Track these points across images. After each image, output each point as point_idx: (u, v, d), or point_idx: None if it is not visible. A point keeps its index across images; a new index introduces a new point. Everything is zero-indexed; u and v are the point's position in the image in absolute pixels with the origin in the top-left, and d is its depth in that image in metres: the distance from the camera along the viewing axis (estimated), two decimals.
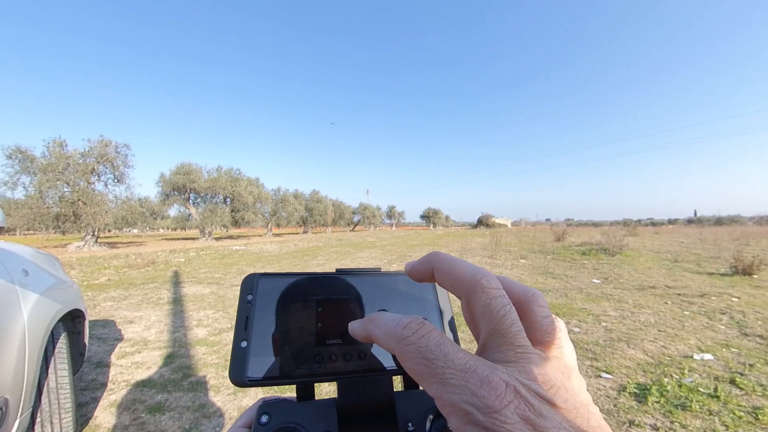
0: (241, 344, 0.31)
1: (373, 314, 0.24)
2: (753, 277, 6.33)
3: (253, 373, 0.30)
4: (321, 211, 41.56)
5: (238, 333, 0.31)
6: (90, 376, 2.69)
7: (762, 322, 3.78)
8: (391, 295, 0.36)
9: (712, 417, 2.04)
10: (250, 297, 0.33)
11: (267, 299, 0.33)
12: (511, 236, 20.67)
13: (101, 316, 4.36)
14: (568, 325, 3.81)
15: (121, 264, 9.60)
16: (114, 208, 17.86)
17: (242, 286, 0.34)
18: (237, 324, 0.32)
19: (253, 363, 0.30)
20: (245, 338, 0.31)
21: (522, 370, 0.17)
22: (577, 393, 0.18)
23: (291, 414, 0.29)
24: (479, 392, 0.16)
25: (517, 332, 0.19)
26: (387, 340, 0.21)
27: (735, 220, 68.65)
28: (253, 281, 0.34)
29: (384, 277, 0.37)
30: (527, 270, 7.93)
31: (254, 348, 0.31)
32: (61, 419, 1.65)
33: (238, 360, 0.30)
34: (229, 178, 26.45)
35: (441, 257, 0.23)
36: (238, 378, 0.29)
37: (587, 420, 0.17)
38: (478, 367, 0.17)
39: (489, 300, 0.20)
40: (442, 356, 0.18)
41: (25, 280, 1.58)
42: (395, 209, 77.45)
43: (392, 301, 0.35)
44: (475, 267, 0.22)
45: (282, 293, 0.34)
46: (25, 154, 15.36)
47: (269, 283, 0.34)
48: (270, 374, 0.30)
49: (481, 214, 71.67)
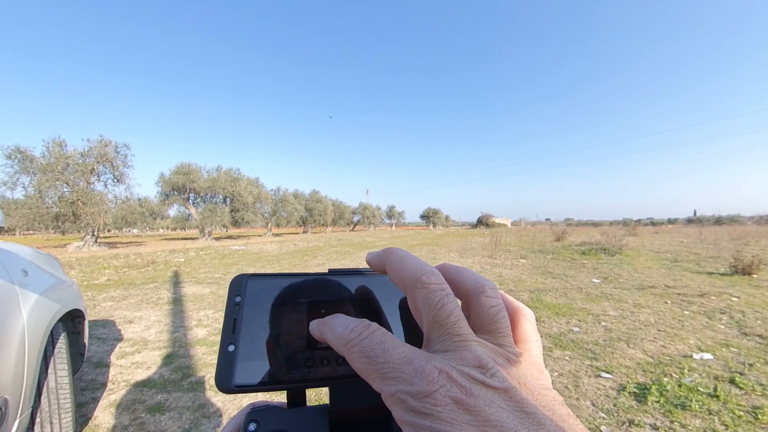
0: (228, 348, 0.29)
1: (327, 317, 0.24)
2: (753, 277, 6.34)
3: (241, 379, 0.28)
4: (321, 211, 41.55)
5: (225, 336, 0.29)
6: (90, 376, 2.69)
7: (762, 322, 3.78)
8: (385, 296, 0.34)
9: (712, 416, 2.04)
10: (239, 299, 0.31)
11: (256, 301, 0.31)
12: (511, 236, 20.67)
13: (101, 316, 4.36)
14: (568, 325, 3.81)
15: (120, 264, 9.60)
16: (114, 208, 17.88)
17: (230, 287, 0.32)
18: (224, 327, 0.30)
19: (240, 368, 0.28)
20: (233, 342, 0.29)
21: (458, 357, 0.18)
22: (524, 375, 0.19)
23: (280, 422, 0.28)
24: (414, 381, 0.17)
25: (455, 322, 0.20)
26: (336, 344, 0.22)
27: (735, 220, 68.72)
28: (242, 282, 0.32)
29: (376, 276, 0.35)
30: (527, 270, 7.93)
31: (242, 352, 0.29)
32: (60, 419, 1.65)
33: (225, 365, 0.28)
34: (228, 177, 26.43)
35: (393, 254, 0.24)
36: (225, 384, 0.27)
37: (536, 398, 0.18)
38: (414, 359, 0.18)
39: (428, 294, 0.21)
40: (383, 353, 0.19)
41: (24, 280, 1.58)
42: (395, 209, 77.47)
43: (387, 303, 0.34)
44: (420, 264, 0.22)
45: (272, 295, 0.32)
46: (24, 154, 15.34)
47: (259, 284, 0.32)
48: (259, 380, 0.28)
49: (481, 214, 71.68)
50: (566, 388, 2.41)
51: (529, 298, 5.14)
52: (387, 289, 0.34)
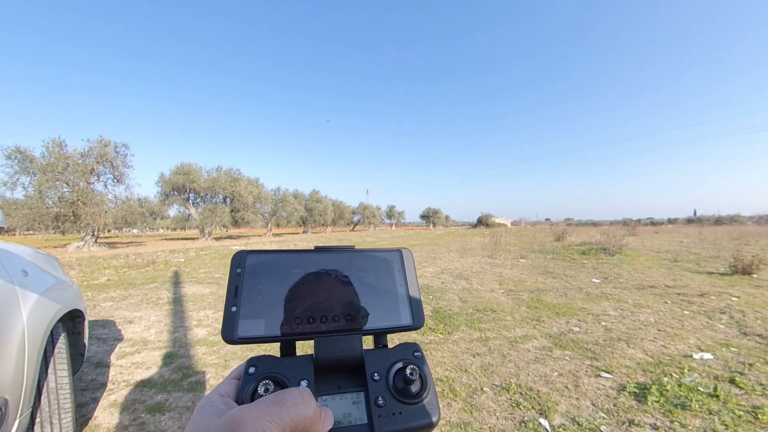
0: (231, 309, 0.37)
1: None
2: (752, 277, 6.34)
3: (242, 333, 0.36)
4: (321, 211, 41.51)
5: (228, 300, 0.37)
6: (90, 376, 2.69)
7: (761, 322, 3.78)
8: (362, 268, 0.43)
9: (712, 416, 2.04)
10: (239, 270, 0.39)
11: (254, 271, 0.39)
12: (511, 236, 20.67)
13: (101, 317, 4.36)
14: (568, 325, 3.81)
15: (120, 264, 9.60)
16: (113, 208, 17.84)
17: (232, 260, 0.40)
18: (228, 293, 0.38)
19: (242, 324, 0.36)
20: (235, 304, 0.37)
21: None
22: None
23: (274, 366, 0.35)
24: None
25: None
26: None
27: (735, 220, 68.63)
28: (242, 257, 0.40)
29: (357, 253, 0.44)
30: (527, 269, 7.92)
31: (243, 312, 0.37)
32: (60, 419, 1.65)
33: (230, 322, 0.36)
34: (228, 178, 26.40)
35: None
36: (230, 336, 0.36)
37: None
38: None
39: None
40: None
41: (24, 281, 1.57)
42: (395, 209, 77.39)
43: (363, 274, 0.42)
44: None
45: (267, 266, 0.40)
46: (24, 154, 15.33)
47: (256, 258, 0.40)
48: (256, 334, 0.36)
49: (481, 214, 71.62)
50: (566, 388, 2.41)
51: (529, 298, 5.14)
52: (362, 264, 0.43)
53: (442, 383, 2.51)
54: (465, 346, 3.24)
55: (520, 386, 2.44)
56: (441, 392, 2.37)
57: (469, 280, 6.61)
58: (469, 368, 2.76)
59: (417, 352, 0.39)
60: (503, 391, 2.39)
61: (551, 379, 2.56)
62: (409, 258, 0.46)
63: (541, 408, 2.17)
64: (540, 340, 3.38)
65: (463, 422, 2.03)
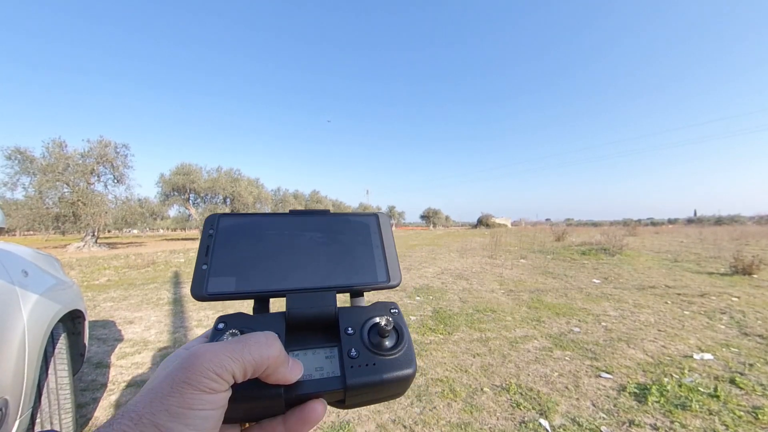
0: (202, 267, 0.36)
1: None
2: (753, 277, 6.33)
3: (212, 289, 0.35)
4: None
5: (199, 259, 0.37)
6: (90, 376, 2.69)
7: (762, 322, 3.78)
8: (338, 230, 0.43)
9: (712, 417, 2.04)
10: (212, 231, 0.39)
11: (227, 233, 0.39)
12: (511, 236, 20.66)
13: (101, 317, 4.36)
14: (568, 325, 3.81)
15: (121, 264, 9.60)
16: (114, 209, 17.86)
17: (205, 223, 0.40)
18: (199, 252, 0.38)
19: (212, 281, 0.36)
20: (206, 262, 0.37)
21: None
22: None
23: (244, 323, 0.33)
24: None
25: None
26: None
27: (735, 220, 68.61)
28: (215, 219, 0.40)
29: (331, 216, 0.44)
30: (527, 270, 7.92)
31: (214, 269, 0.36)
32: (61, 420, 1.65)
33: (199, 278, 0.36)
34: (228, 178, 26.43)
35: None
36: (199, 292, 0.35)
37: None
38: None
39: None
40: None
41: (24, 281, 1.57)
42: (395, 209, 77.39)
43: (338, 236, 0.42)
44: None
45: (241, 228, 0.40)
46: (24, 154, 15.36)
47: (229, 220, 0.40)
48: (226, 290, 0.36)
49: (481, 214, 71.58)
50: (566, 389, 2.41)
51: (529, 298, 5.14)
52: (338, 226, 0.43)
53: (442, 383, 2.50)
54: (465, 346, 3.24)
55: (520, 386, 2.44)
56: (441, 392, 2.37)
57: (469, 281, 6.61)
58: (470, 368, 2.76)
59: (394, 309, 0.38)
60: (503, 391, 2.39)
61: (551, 379, 2.56)
62: (386, 221, 0.46)
63: (541, 408, 2.17)
64: (540, 340, 3.37)
65: (464, 422, 2.03)
